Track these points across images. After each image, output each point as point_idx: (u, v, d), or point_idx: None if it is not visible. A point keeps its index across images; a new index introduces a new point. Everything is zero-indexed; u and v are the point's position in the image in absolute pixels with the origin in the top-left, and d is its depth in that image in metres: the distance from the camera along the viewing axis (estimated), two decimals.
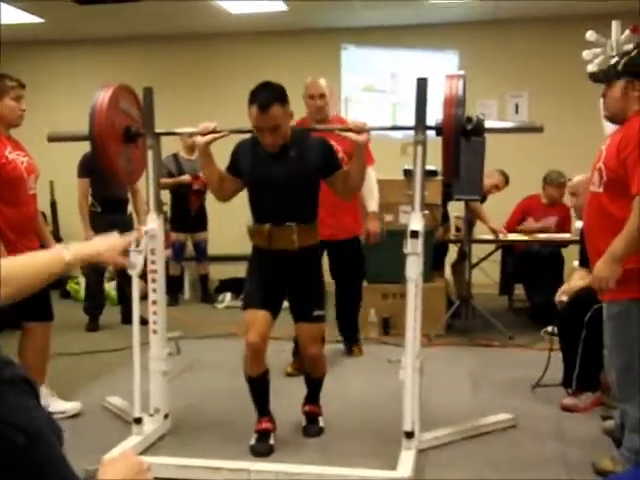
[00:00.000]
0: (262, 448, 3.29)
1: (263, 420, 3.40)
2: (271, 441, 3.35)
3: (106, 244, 1.81)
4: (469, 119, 3.04)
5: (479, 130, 3.10)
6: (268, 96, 3.05)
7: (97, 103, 3.25)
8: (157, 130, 3.52)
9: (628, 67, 2.85)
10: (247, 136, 3.33)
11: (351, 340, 5.07)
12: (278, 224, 3.20)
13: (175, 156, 6.83)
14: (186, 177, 6.79)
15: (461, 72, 3.15)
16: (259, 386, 3.38)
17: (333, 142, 3.47)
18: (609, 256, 2.75)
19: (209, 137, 3.20)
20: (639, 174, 2.66)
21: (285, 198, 3.20)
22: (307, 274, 3.32)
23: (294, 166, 3.18)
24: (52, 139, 3.56)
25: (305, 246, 3.24)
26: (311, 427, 3.58)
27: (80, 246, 1.71)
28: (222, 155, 3.35)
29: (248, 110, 3.09)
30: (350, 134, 3.12)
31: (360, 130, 3.09)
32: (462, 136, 3.05)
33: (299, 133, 3.29)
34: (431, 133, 3.15)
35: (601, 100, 3.09)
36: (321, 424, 3.60)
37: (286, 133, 3.17)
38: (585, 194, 3.22)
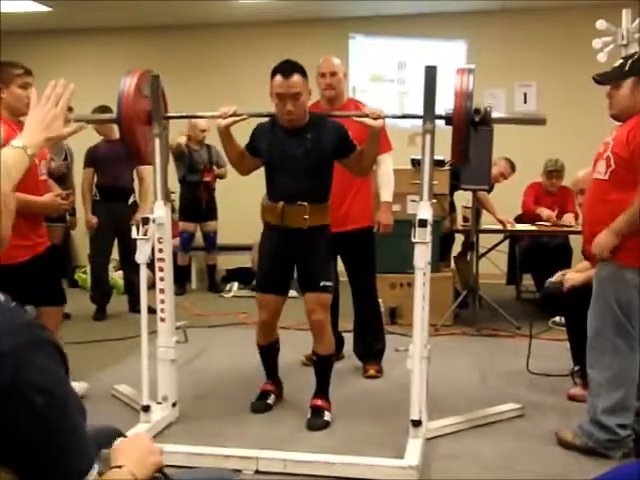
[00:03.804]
0: (259, 405, 3.66)
1: (267, 383, 3.75)
2: (269, 401, 3.68)
3: (42, 126, 1.63)
4: (477, 110, 3.12)
5: (486, 121, 3.19)
6: (290, 66, 3.33)
7: (124, 89, 3.34)
8: (171, 114, 3.64)
9: (636, 68, 2.97)
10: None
11: (374, 356, 4.38)
12: (291, 203, 3.39)
13: (187, 145, 6.85)
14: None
15: (472, 66, 3.19)
16: (268, 352, 3.72)
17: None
18: (610, 229, 2.97)
19: (229, 120, 3.36)
20: None
21: (299, 178, 3.39)
22: (316, 249, 3.48)
23: (310, 147, 3.39)
24: (78, 121, 3.65)
25: (315, 225, 3.43)
26: (314, 420, 3.49)
27: (30, 138, 1.58)
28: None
29: (270, 84, 3.33)
30: (367, 120, 3.27)
31: (377, 117, 3.25)
32: (471, 126, 3.13)
33: (317, 117, 3.49)
34: (439, 123, 3.18)
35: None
36: (326, 417, 3.51)
37: (304, 109, 3.38)
38: None
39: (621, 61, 3.08)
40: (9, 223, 1.28)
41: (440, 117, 3.17)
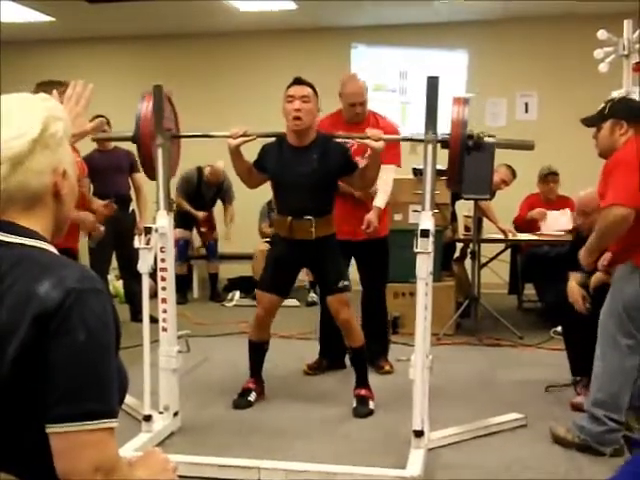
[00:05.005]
0: (240, 402, 3.87)
1: (250, 381, 3.97)
2: (250, 398, 3.90)
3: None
4: (470, 136, 3.27)
5: (479, 146, 3.36)
6: (304, 81, 3.66)
7: (142, 112, 3.48)
8: (182, 134, 3.79)
9: (613, 110, 3.24)
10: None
11: (380, 355, 4.55)
12: (298, 217, 3.66)
13: (199, 171, 6.91)
14: (200, 214, 6.96)
15: (468, 95, 3.30)
16: (257, 349, 3.95)
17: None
18: (585, 247, 3.28)
19: (239, 140, 3.58)
20: (609, 189, 3.03)
21: (305, 195, 3.64)
22: (325, 256, 3.75)
23: (315, 167, 3.64)
24: (96, 139, 3.87)
25: (322, 235, 3.69)
26: (360, 408, 3.77)
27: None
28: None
29: (284, 96, 3.61)
30: (369, 141, 3.45)
31: (377, 139, 3.43)
32: (465, 150, 3.30)
33: (322, 138, 3.72)
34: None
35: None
36: (371, 406, 3.80)
37: (311, 117, 3.62)
38: (595, 214, 3.64)
39: (603, 105, 3.31)
40: (72, 206, 1.32)
41: (437, 141, 3.30)
